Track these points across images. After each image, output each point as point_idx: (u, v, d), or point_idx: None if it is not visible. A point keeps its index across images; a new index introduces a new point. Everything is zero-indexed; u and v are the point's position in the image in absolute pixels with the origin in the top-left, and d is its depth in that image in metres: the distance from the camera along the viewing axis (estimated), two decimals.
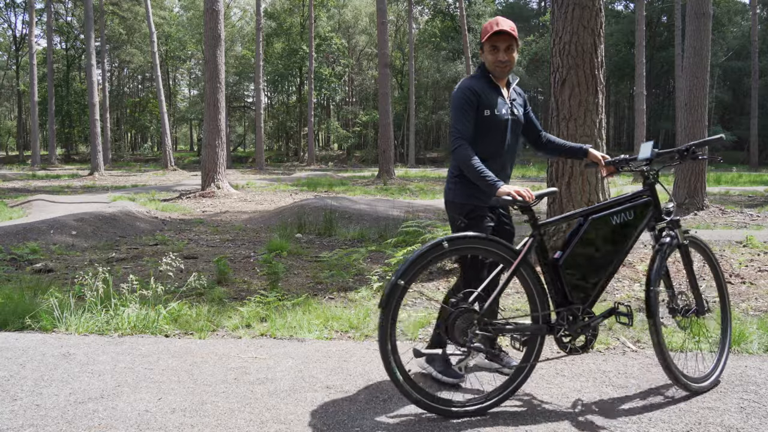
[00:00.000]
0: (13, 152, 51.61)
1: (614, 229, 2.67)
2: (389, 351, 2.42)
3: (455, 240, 2.51)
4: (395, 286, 2.42)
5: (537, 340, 2.62)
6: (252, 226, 9.06)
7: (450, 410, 2.49)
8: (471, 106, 2.73)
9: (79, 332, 3.69)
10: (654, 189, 2.76)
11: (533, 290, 2.60)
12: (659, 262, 2.66)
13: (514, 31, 2.72)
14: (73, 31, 44.04)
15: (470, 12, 37.40)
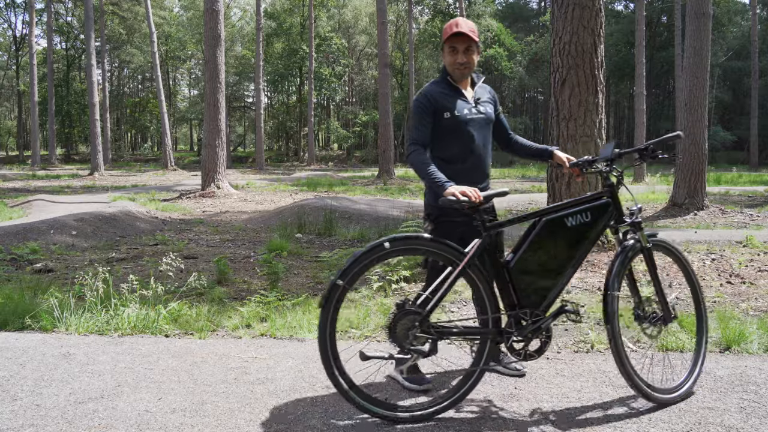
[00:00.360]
0: (13, 152, 51.62)
1: (569, 231, 2.58)
2: (329, 351, 2.41)
3: (397, 240, 2.47)
4: (334, 287, 2.40)
5: (487, 344, 2.54)
6: (252, 226, 9.06)
7: (395, 415, 2.45)
8: (426, 113, 2.75)
9: (79, 332, 3.69)
10: (614, 190, 2.67)
11: (482, 293, 2.53)
12: (618, 266, 2.57)
13: (474, 33, 2.72)
14: (73, 31, 44.04)
15: (470, 12, 37.40)
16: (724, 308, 4.09)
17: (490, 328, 2.54)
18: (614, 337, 2.51)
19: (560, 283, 2.59)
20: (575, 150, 5.35)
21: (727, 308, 4.09)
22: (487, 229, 2.53)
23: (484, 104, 2.88)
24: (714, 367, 3.06)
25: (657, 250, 2.77)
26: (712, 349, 3.35)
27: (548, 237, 2.57)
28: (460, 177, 2.75)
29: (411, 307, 2.43)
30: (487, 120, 2.87)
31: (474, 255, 2.49)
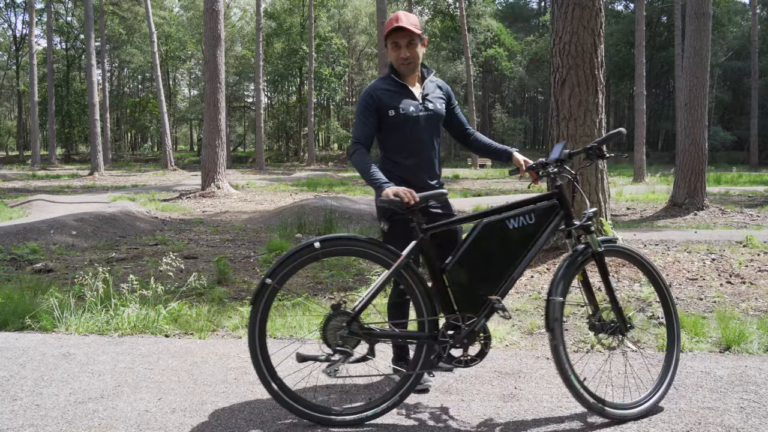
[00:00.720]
0: (13, 152, 51.62)
1: (510, 235, 2.49)
2: (258, 349, 2.40)
3: (328, 241, 2.44)
4: (263, 285, 2.40)
5: (423, 349, 2.48)
6: (252, 226, 9.06)
7: (327, 418, 2.43)
8: (369, 111, 2.71)
9: (79, 332, 3.69)
10: (563, 192, 2.56)
11: (417, 296, 2.47)
12: (563, 271, 2.47)
13: (416, 27, 2.66)
14: (73, 31, 44.04)
15: (470, 12, 37.41)
16: (724, 308, 4.09)
17: (425, 332, 2.47)
18: (555, 344, 2.42)
19: (503, 288, 2.49)
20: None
21: (727, 308, 4.09)
22: (423, 231, 2.46)
23: (432, 100, 2.80)
24: (714, 367, 3.06)
25: (613, 255, 2.64)
26: (712, 349, 3.35)
27: (488, 240, 2.48)
28: (409, 176, 2.74)
29: (343, 309, 2.41)
30: (436, 116, 2.80)
31: (408, 256, 2.43)
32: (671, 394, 2.73)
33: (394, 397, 2.46)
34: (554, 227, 2.53)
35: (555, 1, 5.52)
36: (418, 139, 2.75)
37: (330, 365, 2.38)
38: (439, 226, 2.52)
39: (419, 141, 2.75)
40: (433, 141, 2.81)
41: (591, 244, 2.53)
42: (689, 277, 5.00)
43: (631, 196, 13.39)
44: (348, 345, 2.39)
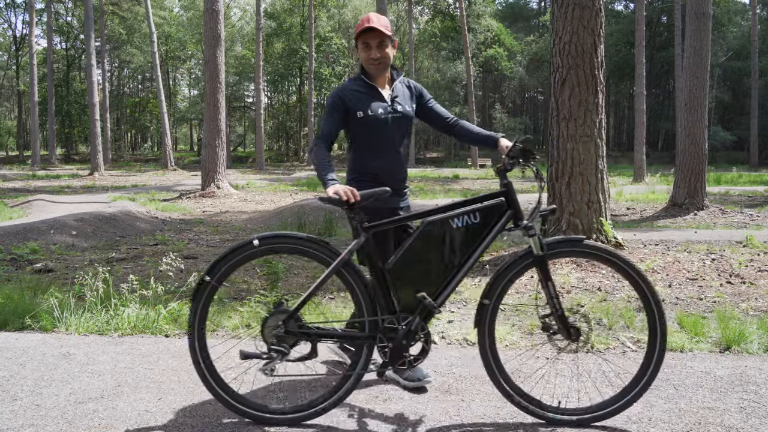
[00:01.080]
0: (13, 152, 51.62)
1: (455, 234, 2.42)
2: (196, 346, 2.41)
3: (267, 238, 2.43)
4: (202, 283, 2.40)
5: (363, 349, 2.45)
6: (252, 226, 9.06)
7: (263, 416, 2.43)
8: (336, 110, 2.72)
9: (79, 332, 3.69)
10: (511, 189, 2.47)
11: (358, 296, 2.44)
12: (499, 273, 2.43)
13: (386, 28, 2.67)
14: (73, 31, 44.04)
15: (470, 12, 37.41)
16: (724, 308, 4.09)
17: (366, 332, 2.45)
18: (481, 344, 2.42)
19: (447, 288, 2.45)
20: (575, 150, 5.35)
21: (727, 308, 4.09)
22: (365, 230, 2.43)
23: (401, 102, 2.81)
24: (714, 367, 3.06)
25: (571, 256, 2.51)
26: (712, 349, 3.35)
27: (431, 239, 2.43)
28: (377, 176, 2.76)
29: (284, 307, 2.40)
30: (405, 119, 2.81)
31: (348, 255, 2.42)
32: (671, 394, 2.73)
33: (332, 398, 2.45)
34: (501, 227, 2.46)
35: (555, 1, 5.52)
36: (386, 140, 2.77)
37: (266, 364, 2.37)
38: (381, 224, 2.47)
39: (387, 142, 2.78)
40: (401, 143, 2.83)
41: (533, 246, 2.42)
42: (689, 277, 5.00)
43: (631, 196, 13.39)
44: (285, 344, 2.38)
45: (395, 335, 2.42)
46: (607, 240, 5.43)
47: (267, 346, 2.39)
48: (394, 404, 2.65)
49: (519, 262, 2.45)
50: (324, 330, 2.47)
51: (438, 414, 2.54)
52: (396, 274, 2.44)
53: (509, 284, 2.46)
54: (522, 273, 2.47)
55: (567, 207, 5.42)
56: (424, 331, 2.45)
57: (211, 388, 2.43)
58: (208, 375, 2.43)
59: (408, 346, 2.44)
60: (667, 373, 2.98)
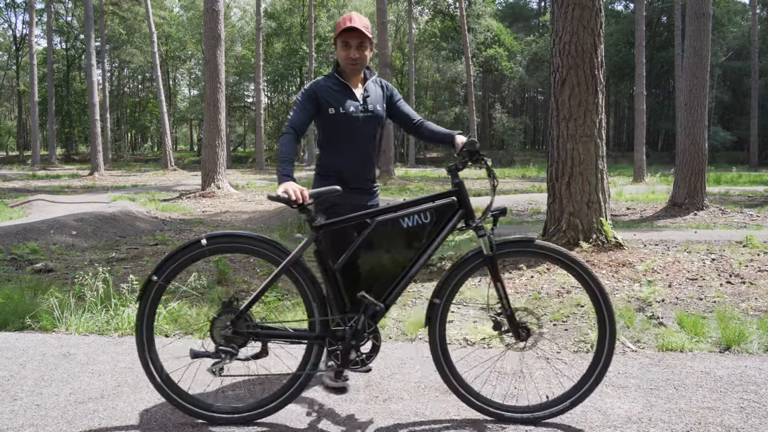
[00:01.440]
0: (13, 152, 51.61)
1: (405, 233, 2.42)
2: (144, 345, 2.41)
3: (215, 238, 2.42)
4: (149, 282, 2.40)
5: (313, 349, 2.45)
6: (252, 226, 9.06)
7: (210, 415, 2.43)
8: (309, 101, 2.74)
9: (79, 332, 3.69)
10: (462, 188, 2.45)
11: (308, 295, 2.43)
12: (449, 273, 2.42)
13: (367, 30, 2.70)
14: (73, 31, 44.04)
15: (470, 12, 37.40)
16: (724, 308, 4.09)
17: (315, 332, 2.45)
18: (432, 343, 2.43)
19: (397, 287, 2.44)
20: (575, 150, 5.36)
21: (727, 308, 4.09)
22: (315, 229, 2.42)
23: (373, 102, 2.83)
24: (714, 367, 3.06)
25: (521, 256, 2.51)
26: (712, 349, 3.35)
27: (381, 239, 2.42)
28: (344, 174, 2.77)
29: (233, 307, 2.39)
30: (376, 118, 2.83)
31: (298, 254, 2.41)
32: (671, 394, 2.73)
33: (281, 398, 2.45)
34: (452, 227, 2.45)
35: (555, 1, 5.52)
36: (355, 138, 2.79)
37: (214, 364, 2.36)
38: (332, 224, 2.46)
39: (356, 141, 2.80)
40: (371, 142, 2.85)
41: (482, 246, 2.41)
42: (689, 277, 5.00)
43: (631, 196, 13.39)
44: (233, 344, 2.37)
45: (343, 335, 2.42)
46: (608, 240, 5.43)
47: (215, 346, 2.38)
48: (394, 404, 2.65)
49: (469, 261, 2.44)
50: (273, 330, 2.45)
51: (438, 413, 2.54)
52: (345, 273, 2.44)
53: (460, 284, 2.46)
54: (472, 273, 2.46)
55: (567, 207, 5.42)
56: (371, 329, 2.43)
57: (159, 387, 2.42)
58: (156, 374, 2.42)
59: (357, 345, 2.43)
60: (667, 373, 2.99)
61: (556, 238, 5.44)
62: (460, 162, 2.47)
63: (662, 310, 4.13)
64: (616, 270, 5.05)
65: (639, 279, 4.84)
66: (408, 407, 2.61)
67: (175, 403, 2.43)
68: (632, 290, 4.57)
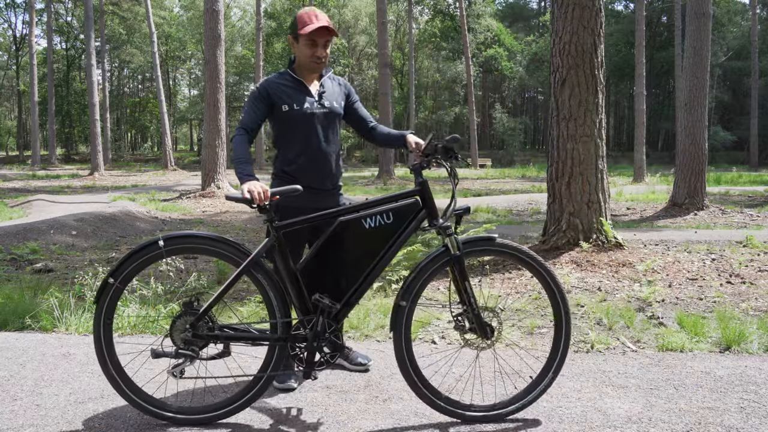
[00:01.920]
0: (13, 152, 51.61)
1: (368, 234, 2.39)
2: (103, 346, 2.38)
3: (173, 239, 2.38)
4: (105, 284, 2.37)
5: (275, 350, 2.42)
6: (252, 226, 9.07)
7: (171, 416, 2.41)
8: (261, 101, 2.68)
9: (79, 332, 3.69)
10: (426, 188, 2.41)
11: (269, 296, 2.40)
12: (414, 275, 2.39)
13: (333, 26, 2.66)
14: (73, 31, 44.03)
15: (470, 12, 37.40)
16: (724, 308, 4.09)
17: (277, 333, 2.41)
18: (397, 346, 2.38)
19: (360, 289, 2.42)
20: (575, 150, 5.36)
21: (727, 308, 4.09)
22: (276, 229, 2.37)
23: (329, 98, 2.77)
24: (714, 367, 3.06)
25: (485, 255, 2.51)
26: (712, 349, 3.35)
27: (342, 239, 2.40)
28: (299, 173, 2.71)
29: (194, 308, 2.37)
30: (332, 114, 2.77)
31: (258, 255, 2.37)
32: (671, 394, 2.73)
33: (241, 399, 2.43)
34: (415, 227, 2.42)
35: (555, 1, 5.52)
36: (311, 136, 2.72)
37: (175, 366, 2.34)
38: (292, 224, 2.41)
39: (312, 138, 2.73)
40: (328, 139, 2.77)
41: (449, 246, 2.38)
42: (689, 277, 5.00)
43: (631, 196, 13.40)
44: (194, 346, 2.35)
45: (305, 337, 2.40)
46: (608, 240, 5.43)
47: (175, 348, 2.36)
48: (394, 404, 2.65)
49: (435, 261, 2.40)
50: (234, 332, 2.42)
51: (438, 413, 2.54)
52: (307, 275, 2.41)
53: (425, 284, 2.42)
54: (438, 272, 2.43)
55: (567, 207, 5.42)
56: (332, 329, 2.40)
57: (118, 387, 2.40)
58: (115, 374, 2.40)
59: (320, 346, 2.40)
60: (667, 373, 2.99)
61: (556, 238, 5.44)
62: (424, 160, 2.44)
63: (662, 310, 4.13)
64: (616, 270, 5.05)
65: (639, 279, 4.84)
66: (408, 407, 2.61)
67: (136, 405, 2.41)
68: (632, 290, 4.57)
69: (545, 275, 2.46)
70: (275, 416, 2.53)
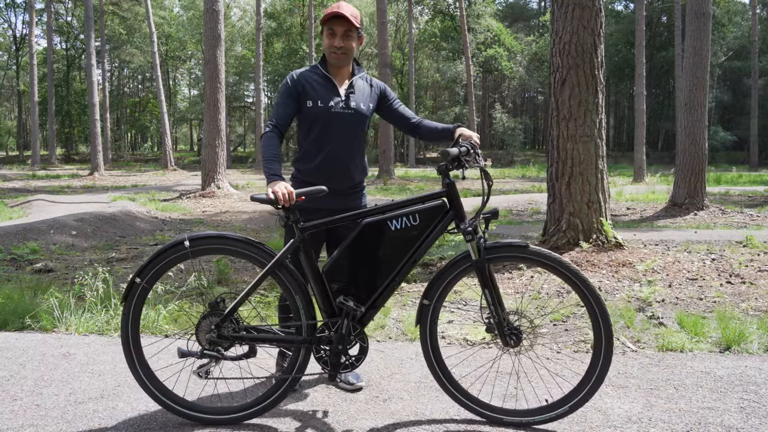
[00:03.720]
0: (13, 152, 51.60)
1: (393, 235, 2.35)
2: (131, 347, 2.40)
3: (198, 239, 2.37)
4: (132, 284, 2.38)
5: (300, 352, 2.42)
6: (252, 226, 9.06)
7: (196, 416, 2.42)
8: (289, 95, 2.64)
9: (79, 332, 3.69)
10: (453, 189, 2.36)
11: (294, 297, 2.39)
12: (439, 275, 2.37)
13: (355, 19, 2.58)
14: (73, 31, 44.02)
15: (470, 12, 37.40)
16: (724, 308, 4.09)
17: (302, 335, 2.40)
18: (423, 343, 2.40)
19: (386, 291, 2.40)
20: (575, 150, 5.36)
21: (727, 308, 4.09)
22: (301, 231, 2.36)
23: (356, 99, 2.69)
24: (714, 367, 3.06)
25: (505, 261, 2.43)
26: (712, 349, 3.35)
27: (367, 241, 2.35)
28: (317, 172, 2.66)
29: (218, 309, 2.37)
30: (357, 115, 2.68)
31: (283, 256, 2.36)
32: (671, 394, 2.73)
33: (267, 400, 2.43)
34: (442, 229, 2.38)
35: (555, 1, 5.52)
36: (332, 135, 2.65)
37: (200, 366, 2.34)
38: (317, 225, 2.40)
39: (334, 137, 2.65)
40: (351, 141, 2.69)
41: (472, 250, 2.32)
42: (689, 277, 5.00)
43: (631, 196, 13.39)
44: (219, 347, 2.35)
45: (330, 339, 2.39)
46: (608, 240, 5.43)
47: (201, 349, 2.36)
48: (394, 404, 2.65)
49: (458, 265, 2.38)
50: (259, 333, 2.41)
51: (438, 413, 2.54)
52: (332, 277, 2.39)
53: (449, 286, 2.41)
54: (461, 276, 2.40)
55: (567, 207, 5.42)
56: (357, 331, 2.39)
57: (146, 387, 2.42)
58: (143, 375, 2.42)
59: (345, 349, 2.39)
60: (667, 373, 2.99)
61: (556, 238, 5.44)
62: (451, 161, 2.32)
63: (662, 310, 4.13)
64: (616, 270, 5.05)
65: (639, 279, 4.84)
66: (408, 407, 2.61)
67: (164, 405, 2.43)
68: (632, 290, 4.57)
69: (580, 284, 2.31)
70: (275, 416, 2.53)
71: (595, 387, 2.37)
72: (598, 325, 2.32)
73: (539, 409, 2.43)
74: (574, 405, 2.38)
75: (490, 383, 2.83)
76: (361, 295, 2.40)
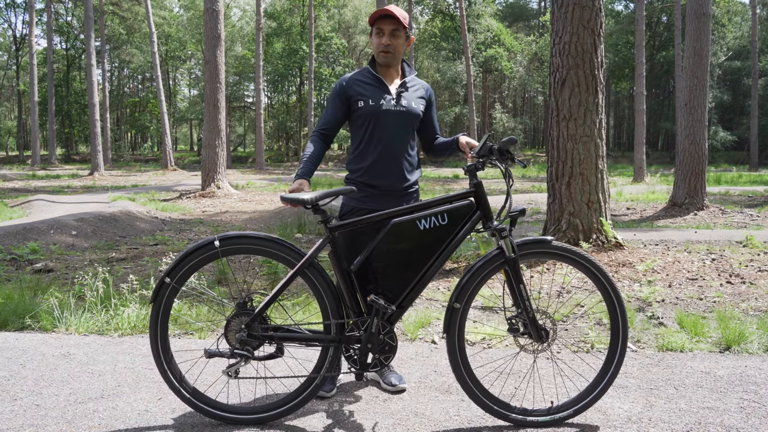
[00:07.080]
0: (13, 152, 51.62)
1: (422, 235, 2.36)
2: (159, 347, 2.41)
3: (228, 239, 2.38)
4: (162, 284, 2.38)
5: (329, 351, 2.42)
6: (252, 227, 9.07)
7: (224, 415, 2.42)
8: (338, 98, 2.68)
9: (79, 332, 3.69)
10: (480, 189, 2.39)
11: (323, 297, 2.40)
12: (468, 277, 2.36)
13: (404, 19, 2.60)
14: (73, 31, 44.03)
15: (470, 12, 37.40)
16: (724, 308, 4.09)
17: (331, 334, 2.40)
18: (450, 349, 2.37)
19: (414, 291, 2.40)
20: (575, 150, 5.36)
21: (727, 308, 4.09)
22: (330, 230, 2.38)
23: (408, 98, 2.70)
24: (714, 367, 3.06)
25: (540, 258, 2.43)
26: (712, 349, 3.35)
27: (396, 241, 2.36)
28: (368, 172, 2.67)
29: (247, 309, 2.37)
30: (409, 114, 2.69)
31: (312, 256, 2.37)
32: (671, 394, 2.73)
33: (297, 399, 2.43)
34: (470, 228, 2.39)
35: (555, 1, 5.53)
36: (384, 134, 2.66)
37: (229, 366, 2.35)
38: (347, 224, 2.40)
39: (385, 137, 2.66)
40: (403, 140, 2.71)
41: (504, 248, 2.35)
42: (689, 277, 5.00)
43: (631, 196, 13.40)
44: (248, 347, 2.35)
45: (359, 339, 2.39)
46: (608, 240, 5.43)
47: (230, 348, 2.37)
48: (394, 404, 2.65)
49: (490, 263, 2.38)
50: (288, 333, 2.41)
51: (438, 414, 2.54)
52: (361, 276, 2.40)
53: (479, 287, 2.40)
54: (492, 275, 2.40)
55: (567, 207, 5.43)
56: (386, 330, 2.38)
57: (174, 387, 2.43)
58: (170, 374, 2.42)
59: (374, 348, 2.38)
60: (667, 373, 2.99)
61: (556, 238, 5.44)
62: (479, 162, 2.39)
63: (662, 310, 4.13)
64: (616, 270, 5.05)
65: (639, 279, 4.84)
66: (408, 407, 2.61)
67: (192, 405, 2.43)
68: (632, 290, 4.57)
69: (604, 282, 2.38)
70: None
71: (608, 384, 2.44)
72: (617, 323, 2.40)
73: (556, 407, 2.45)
74: (589, 402, 2.45)
75: (524, 388, 2.82)
76: (389, 294, 2.41)
